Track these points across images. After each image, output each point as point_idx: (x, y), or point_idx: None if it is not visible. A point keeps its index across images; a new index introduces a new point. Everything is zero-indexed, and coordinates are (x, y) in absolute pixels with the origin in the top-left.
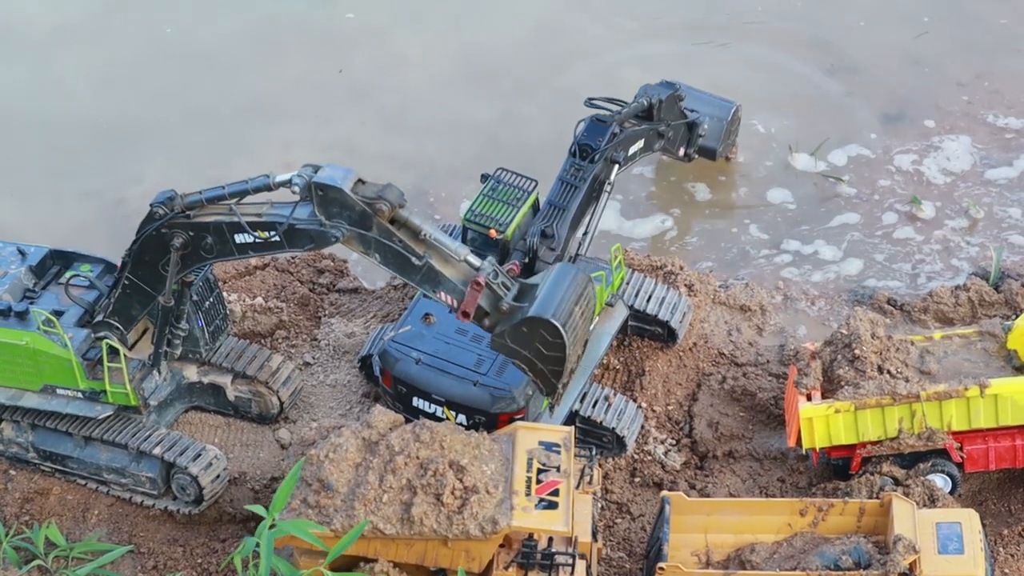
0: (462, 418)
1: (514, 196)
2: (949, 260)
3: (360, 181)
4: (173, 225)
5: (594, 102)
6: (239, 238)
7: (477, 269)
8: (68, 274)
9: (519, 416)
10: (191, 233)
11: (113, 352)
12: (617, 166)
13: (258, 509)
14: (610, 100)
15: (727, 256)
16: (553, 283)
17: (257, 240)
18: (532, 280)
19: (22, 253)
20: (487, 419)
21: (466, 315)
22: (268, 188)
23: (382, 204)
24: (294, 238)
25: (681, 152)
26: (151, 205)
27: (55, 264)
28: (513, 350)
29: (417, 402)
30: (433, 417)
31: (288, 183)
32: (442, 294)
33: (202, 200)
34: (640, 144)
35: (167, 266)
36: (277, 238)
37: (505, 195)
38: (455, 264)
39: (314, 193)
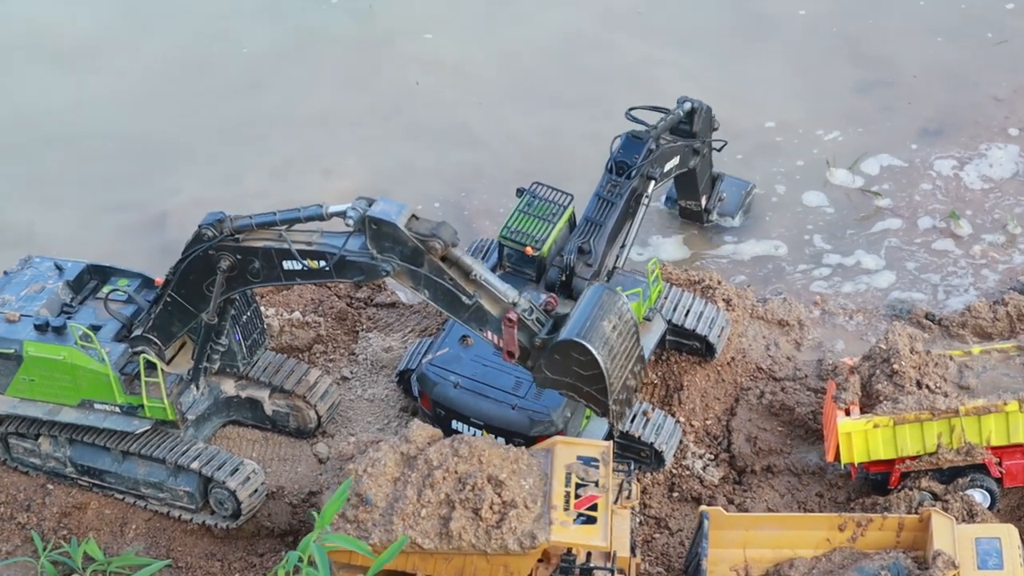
0: (501, 441)
1: (550, 211)
2: (985, 274)
3: (414, 217)
4: (221, 248)
5: (634, 112)
6: (287, 264)
7: (514, 306)
8: (106, 289)
9: None
10: (239, 256)
11: (150, 367)
12: (653, 182)
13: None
14: (653, 108)
15: (761, 272)
16: (582, 306)
17: (306, 268)
18: (565, 311)
19: (59, 268)
20: (526, 442)
21: (511, 355)
22: (320, 218)
23: (435, 242)
24: (344, 269)
25: (704, 201)
26: (200, 226)
27: (92, 279)
28: (555, 381)
29: (456, 425)
30: None
31: (343, 215)
32: (488, 332)
33: (252, 225)
34: (676, 161)
35: (211, 287)
36: (327, 268)
37: (541, 210)
38: (502, 305)
39: (367, 227)
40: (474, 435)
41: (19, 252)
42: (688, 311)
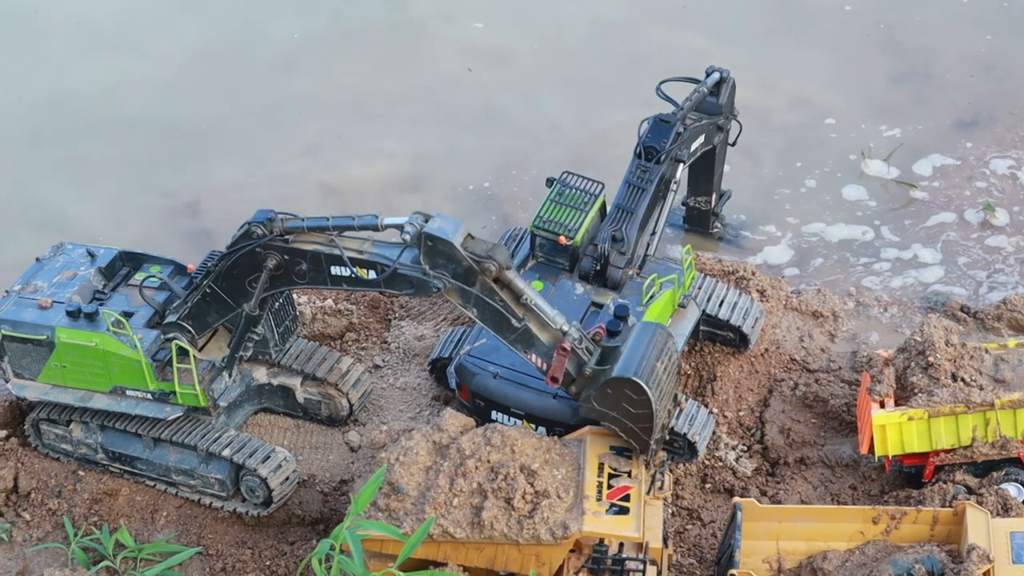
0: (542, 431)
1: (581, 200)
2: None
3: (470, 236)
4: (269, 247)
5: (663, 87)
6: (335, 270)
7: (564, 334)
8: (139, 275)
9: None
10: (286, 257)
11: (183, 353)
12: (682, 165)
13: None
14: (685, 79)
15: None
16: (634, 342)
17: (353, 275)
18: (614, 342)
19: (92, 255)
20: (567, 431)
21: (555, 380)
22: (375, 228)
23: (490, 264)
24: (394, 281)
25: (714, 200)
26: (249, 223)
27: (125, 266)
28: (601, 412)
29: (496, 416)
30: None
31: (400, 228)
32: (533, 356)
33: (304, 227)
34: (701, 140)
35: (254, 283)
36: (375, 277)
37: (572, 199)
38: (551, 331)
39: (423, 243)
40: (514, 425)
41: (51, 236)
42: (722, 302)
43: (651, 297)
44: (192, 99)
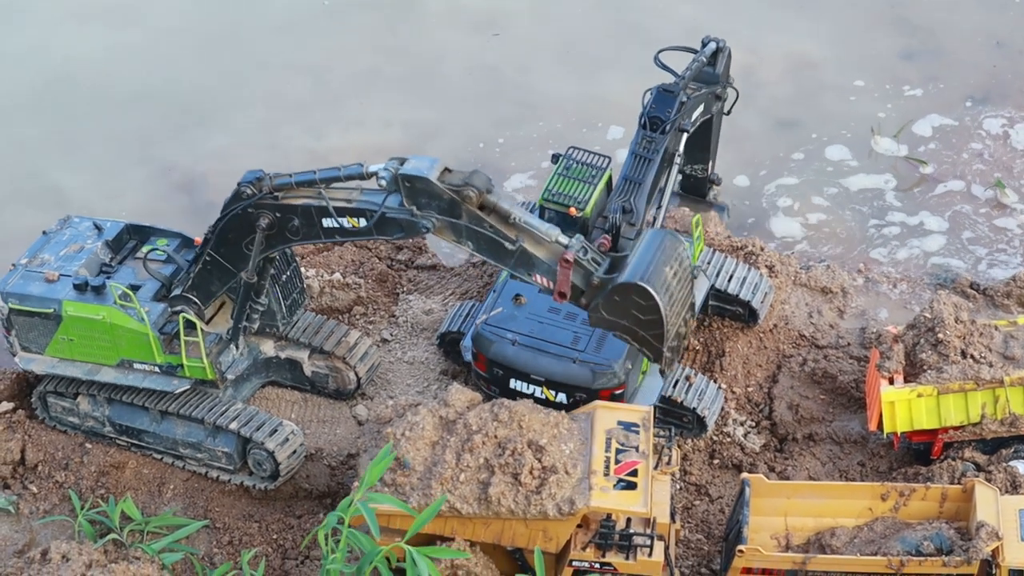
0: (562, 396)
1: (589, 174)
2: None
3: (447, 170)
4: (260, 206)
5: (661, 56)
6: (327, 222)
7: (566, 247)
8: (145, 248)
9: (620, 392)
10: (278, 214)
11: (190, 326)
12: (685, 134)
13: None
14: (682, 48)
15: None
16: (643, 249)
17: (345, 226)
18: (624, 253)
19: (98, 228)
20: (588, 396)
21: (563, 295)
22: (361, 176)
23: (469, 191)
24: (384, 226)
25: (710, 167)
26: (239, 184)
27: (131, 239)
28: (611, 322)
29: (515, 384)
30: (532, 398)
31: (376, 176)
32: (537, 276)
33: (292, 183)
34: (700, 109)
35: (251, 245)
36: (366, 225)
37: (580, 173)
38: (547, 245)
39: (401, 185)
40: (533, 393)
41: (54, 212)
42: (731, 276)
43: None
44: (186, 70)
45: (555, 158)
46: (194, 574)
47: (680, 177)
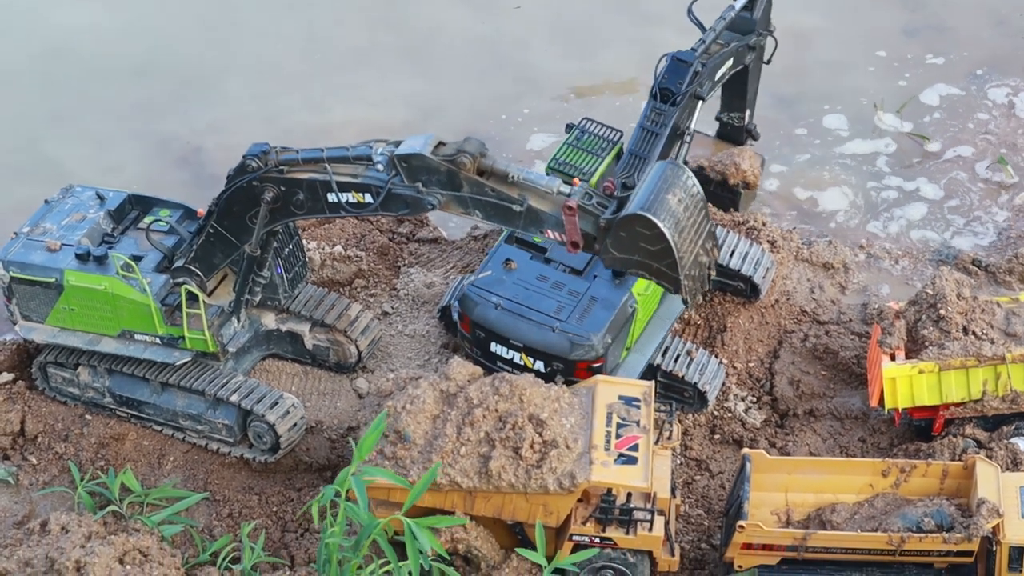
0: (540, 364)
1: (599, 146)
2: None
3: (441, 143)
4: (266, 179)
5: (693, 8)
6: (331, 197)
7: (568, 195)
8: (148, 219)
9: (597, 364)
10: (283, 188)
11: (192, 298)
12: (701, 102)
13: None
14: None
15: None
16: (646, 183)
17: (351, 201)
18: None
19: (101, 198)
20: (565, 366)
21: (575, 245)
22: (368, 159)
23: (463, 157)
24: (390, 202)
25: (747, 116)
26: (244, 157)
27: (134, 209)
28: (623, 260)
29: (495, 347)
30: (511, 363)
31: (371, 161)
32: (549, 232)
33: (299, 159)
34: (729, 63)
35: (255, 218)
36: (371, 200)
37: (590, 145)
38: (550, 198)
39: (399, 166)
40: (512, 358)
41: (51, 185)
42: (733, 251)
43: None
44: (183, 41)
45: (569, 128)
46: (193, 546)
47: (718, 125)
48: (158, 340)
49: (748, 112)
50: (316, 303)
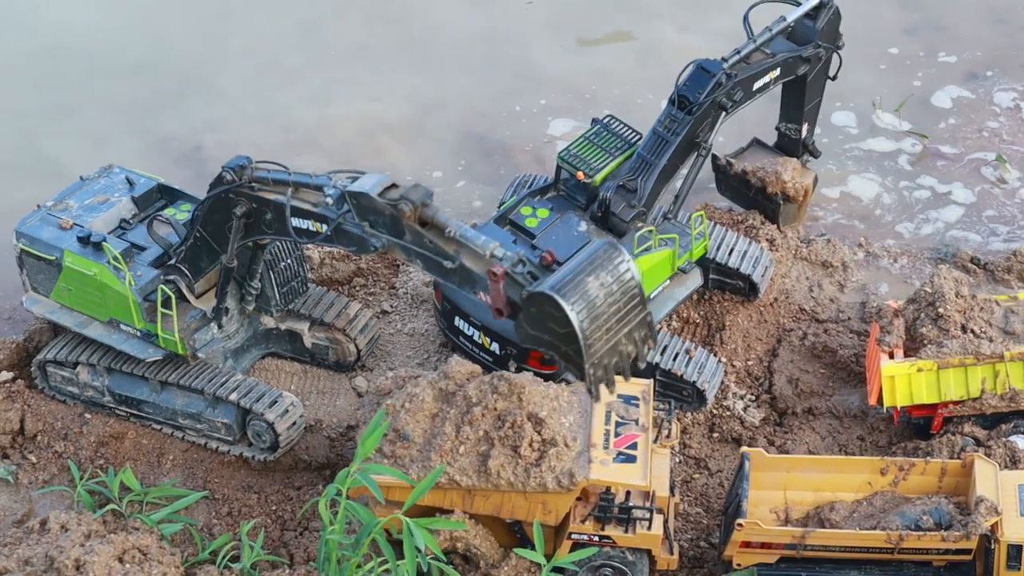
0: (496, 346)
1: (614, 145)
2: None
3: (393, 186)
4: (239, 193)
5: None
6: (295, 222)
7: (500, 260)
8: (170, 211)
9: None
10: (254, 205)
11: (168, 300)
12: (724, 113)
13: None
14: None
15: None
16: (574, 260)
17: (310, 229)
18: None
19: (130, 182)
20: (518, 352)
21: (499, 312)
22: (322, 189)
23: (404, 204)
24: (340, 236)
25: (804, 131)
26: (222, 168)
27: (161, 198)
28: (535, 337)
29: (458, 322)
30: (471, 340)
31: (323, 191)
32: (481, 294)
33: (268, 178)
34: (775, 73)
35: (231, 229)
36: (326, 231)
37: (605, 142)
38: (484, 260)
39: (349, 202)
40: (473, 336)
41: (50, 183)
42: (732, 250)
43: (645, 250)
44: (180, 39)
45: (594, 122)
46: (193, 545)
47: (777, 134)
48: (138, 333)
49: (806, 126)
50: (315, 302)
